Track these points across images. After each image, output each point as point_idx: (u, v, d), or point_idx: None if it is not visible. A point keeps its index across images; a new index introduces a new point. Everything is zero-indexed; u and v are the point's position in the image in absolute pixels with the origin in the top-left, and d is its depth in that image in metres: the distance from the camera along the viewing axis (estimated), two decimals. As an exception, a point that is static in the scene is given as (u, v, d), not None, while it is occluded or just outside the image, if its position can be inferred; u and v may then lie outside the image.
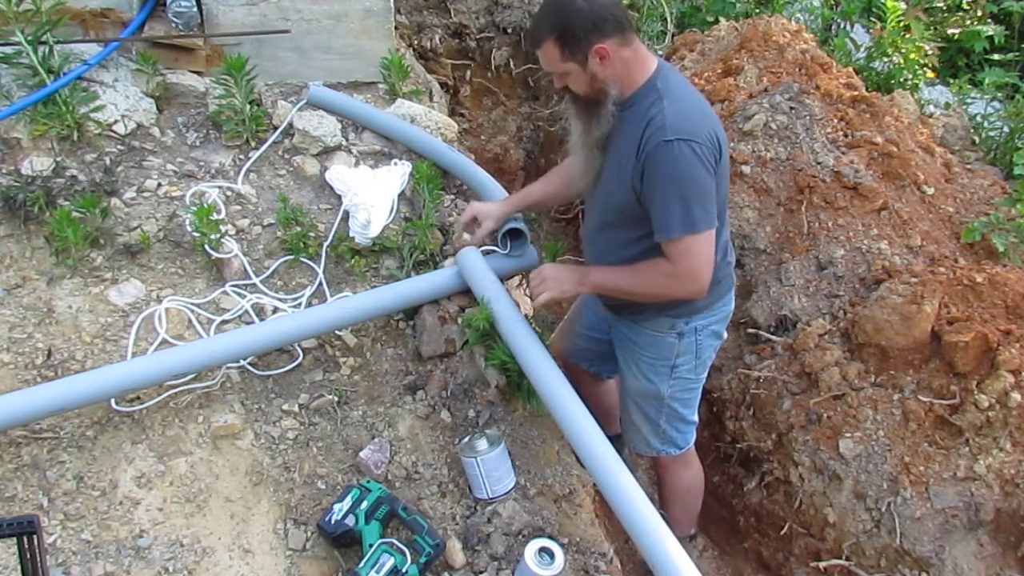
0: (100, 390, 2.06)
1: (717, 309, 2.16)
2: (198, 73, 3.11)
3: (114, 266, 2.50)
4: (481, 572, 1.98)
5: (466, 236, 2.51)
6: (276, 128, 3.01)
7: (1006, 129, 4.03)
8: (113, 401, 2.16)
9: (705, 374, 2.28)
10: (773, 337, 2.85)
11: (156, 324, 2.37)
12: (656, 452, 2.40)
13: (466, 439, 2.19)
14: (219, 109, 2.95)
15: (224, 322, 2.43)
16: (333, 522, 1.98)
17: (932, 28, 4.79)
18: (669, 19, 5.04)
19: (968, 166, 3.55)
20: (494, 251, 2.61)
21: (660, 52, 4.77)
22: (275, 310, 2.50)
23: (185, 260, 2.58)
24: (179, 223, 2.63)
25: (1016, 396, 2.33)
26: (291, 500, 2.12)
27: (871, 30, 4.69)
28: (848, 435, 2.50)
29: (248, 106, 2.93)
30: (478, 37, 4.48)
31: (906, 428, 2.46)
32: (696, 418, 2.37)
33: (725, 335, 2.27)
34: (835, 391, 2.58)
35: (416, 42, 4.17)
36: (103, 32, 2.96)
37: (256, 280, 2.56)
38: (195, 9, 3.04)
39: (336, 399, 2.34)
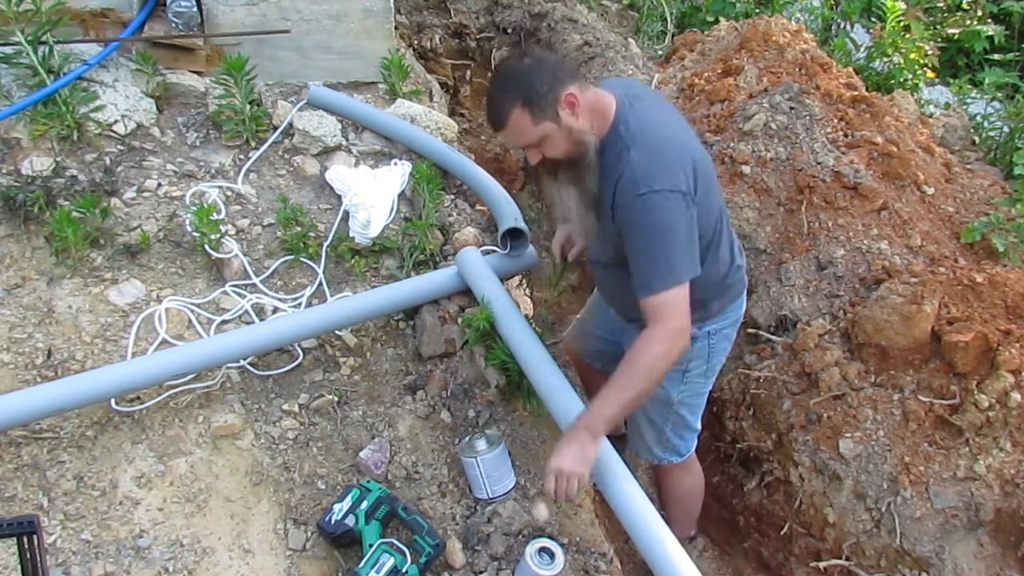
0: (100, 390, 2.06)
1: (729, 313, 2.15)
2: (198, 73, 3.11)
3: (114, 266, 2.50)
4: (481, 572, 1.98)
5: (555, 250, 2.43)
6: (276, 128, 3.01)
7: (1006, 129, 4.04)
8: (113, 401, 2.16)
9: (713, 379, 2.26)
10: (773, 337, 2.85)
11: (156, 324, 2.37)
12: (658, 460, 2.39)
13: (466, 439, 2.19)
14: (219, 109, 2.96)
15: (224, 322, 2.44)
16: (333, 522, 1.98)
17: (932, 28, 4.80)
18: (669, 19, 5.05)
19: (968, 166, 3.55)
20: (494, 251, 2.61)
21: (660, 52, 4.77)
22: (275, 310, 2.50)
23: (185, 260, 2.58)
24: (179, 223, 2.63)
25: (1016, 396, 2.33)
26: (291, 500, 2.12)
27: (871, 30, 4.70)
28: (848, 435, 2.50)
29: (248, 106, 2.93)
30: (478, 37, 4.48)
31: (906, 428, 2.46)
32: (700, 425, 2.36)
33: (735, 337, 2.25)
34: (835, 391, 2.58)
35: (416, 42, 4.17)
36: (103, 32, 2.97)
37: (256, 280, 2.56)
38: (195, 9, 3.05)
39: (336, 399, 2.34)
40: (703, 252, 1.93)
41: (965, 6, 5.08)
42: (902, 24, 4.43)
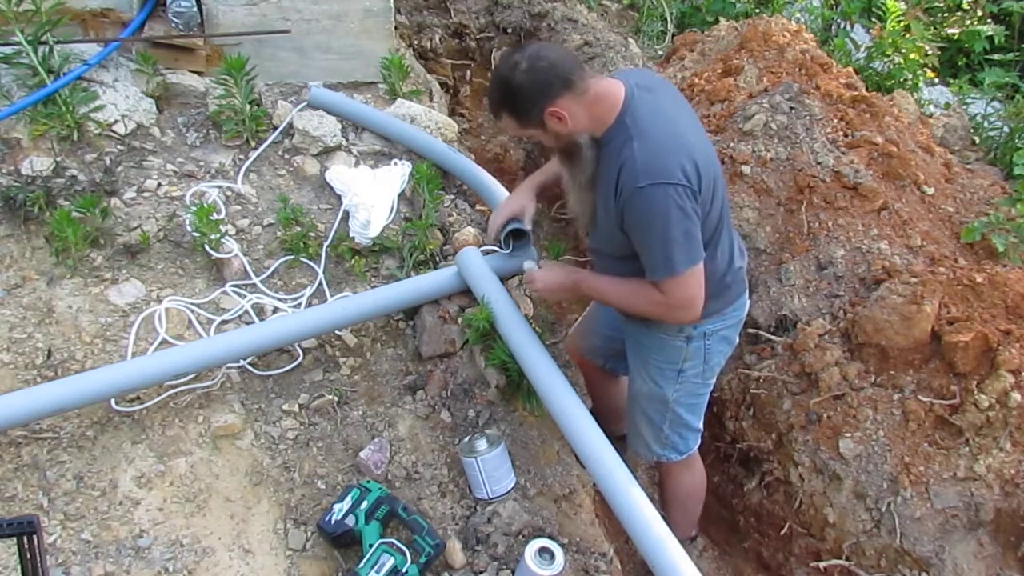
0: (100, 390, 2.06)
1: (728, 314, 2.14)
2: (198, 73, 3.11)
3: (114, 266, 2.50)
4: (481, 572, 1.98)
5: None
6: (276, 128, 3.01)
7: (1006, 129, 4.04)
8: (113, 401, 2.16)
9: (713, 380, 2.26)
10: (773, 337, 2.85)
11: (156, 324, 2.37)
12: (656, 457, 2.38)
13: (466, 439, 2.19)
14: (219, 109, 2.96)
15: (224, 322, 2.44)
16: (333, 522, 1.98)
17: (932, 28, 4.81)
18: (669, 19, 5.05)
19: (968, 166, 3.55)
20: (494, 251, 2.61)
21: (660, 52, 4.77)
22: (275, 310, 2.50)
23: (185, 260, 2.58)
24: (179, 223, 2.63)
25: (1016, 396, 2.33)
26: (291, 500, 2.12)
27: (871, 30, 4.70)
28: (848, 435, 2.50)
29: (248, 106, 2.93)
30: (478, 37, 4.48)
31: (906, 428, 2.46)
32: (701, 425, 2.35)
33: (736, 340, 2.24)
34: (835, 391, 2.58)
35: (416, 42, 4.17)
36: (103, 32, 2.97)
37: (256, 280, 2.56)
38: (195, 9, 3.04)
39: (336, 399, 2.34)
40: None
41: (965, 6, 5.09)
42: (902, 24, 4.44)
